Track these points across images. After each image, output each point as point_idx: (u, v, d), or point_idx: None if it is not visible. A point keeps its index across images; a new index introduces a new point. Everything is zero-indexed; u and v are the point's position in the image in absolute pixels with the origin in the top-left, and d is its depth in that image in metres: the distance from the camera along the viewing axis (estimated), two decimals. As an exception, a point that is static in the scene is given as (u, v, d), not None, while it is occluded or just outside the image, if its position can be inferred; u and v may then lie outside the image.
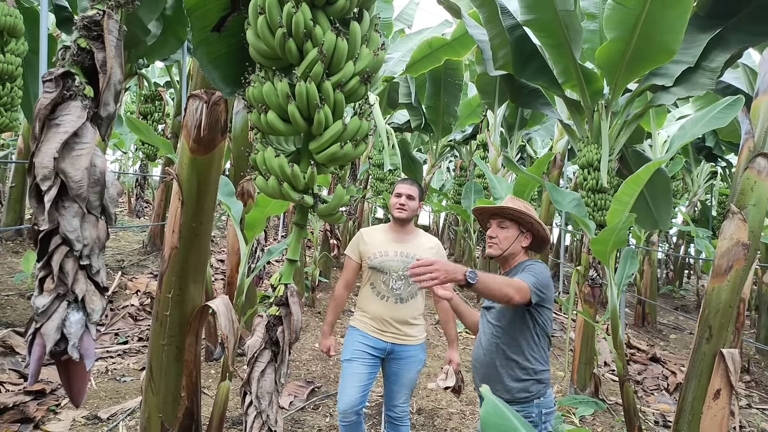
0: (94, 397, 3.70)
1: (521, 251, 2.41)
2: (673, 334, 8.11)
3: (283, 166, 1.63)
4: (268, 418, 1.72)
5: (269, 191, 1.69)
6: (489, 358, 2.31)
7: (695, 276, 13.07)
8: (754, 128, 2.88)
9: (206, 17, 1.71)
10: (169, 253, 2.28)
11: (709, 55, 4.09)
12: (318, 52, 1.56)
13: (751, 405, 5.10)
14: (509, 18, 4.63)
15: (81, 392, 1.29)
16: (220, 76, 1.83)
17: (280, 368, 1.77)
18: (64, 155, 1.18)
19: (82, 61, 1.25)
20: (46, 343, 1.16)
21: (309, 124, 1.66)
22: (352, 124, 1.69)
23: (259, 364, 1.74)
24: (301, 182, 1.66)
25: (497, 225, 2.41)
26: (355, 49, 1.65)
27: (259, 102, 1.67)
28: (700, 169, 10.19)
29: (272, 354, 1.76)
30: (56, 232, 1.19)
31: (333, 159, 1.69)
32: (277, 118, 1.65)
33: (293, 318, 1.77)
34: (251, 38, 1.65)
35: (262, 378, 1.73)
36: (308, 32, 1.56)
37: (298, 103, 1.60)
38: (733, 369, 2.72)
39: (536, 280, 2.18)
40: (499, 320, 2.32)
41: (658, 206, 4.84)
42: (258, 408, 1.71)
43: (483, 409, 0.81)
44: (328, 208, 1.72)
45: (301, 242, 1.83)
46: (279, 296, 1.78)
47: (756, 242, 2.82)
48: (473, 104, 10.15)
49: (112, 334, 4.97)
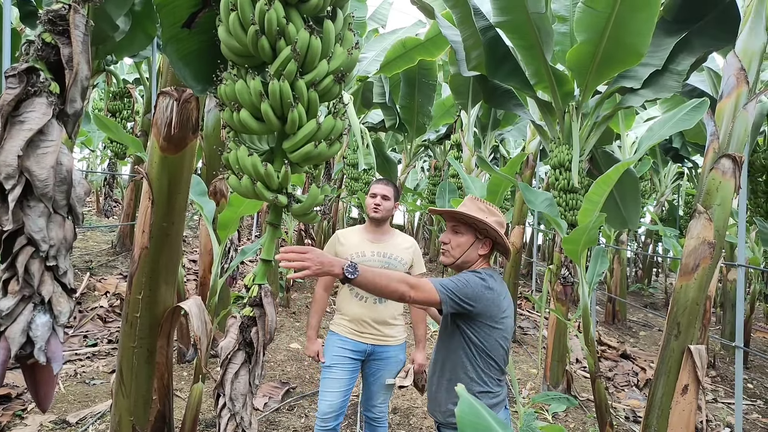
0: (63, 401, 3.61)
1: (479, 259, 2.15)
2: (643, 331, 8.29)
3: (256, 165, 1.62)
4: (242, 420, 1.70)
5: (242, 191, 1.67)
6: (431, 370, 2.15)
7: (663, 274, 13.39)
8: (719, 130, 2.96)
9: (176, 13, 1.67)
10: (139, 254, 2.24)
11: (676, 59, 4.20)
12: (291, 50, 1.54)
13: (717, 399, 5.24)
14: (482, 19, 4.67)
15: (48, 397, 1.25)
16: (190, 74, 1.80)
17: (255, 369, 1.75)
18: (28, 153, 1.15)
19: (47, 57, 1.21)
20: (11, 347, 1.13)
21: (282, 122, 1.64)
22: (326, 123, 1.68)
23: (232, 365, 1.72)
24: (274, 181, 1.64)
25: (451, 229, 2.17)
26: (329, 48, 1.64)
27: (231, 100, 1.64)
28: (667, 170, 10.44)
29: (246, 355, 1.74)
30: (21, 233, 1.16)
31: (307, 158, 1.68)
32: (250, 116, 1.63)
33: (267, 319, 1.75)
34: (223, 35, 1.63)
35: (236, 379, 1.71)
36: (281, 30, 1.54)
37: (272, 102, 1.58)
38: (700, 365, 2.78)
39: (457, 287, 1.93)
40: (442, 329, 2.12)
41: (627, 206, 4.94)
42: (232, 410, 1.69)
43: (458, 408, 0.81)
44: (303, 208, 1.71)
45: (276, 242, 1.82)
46: (253, 297, 1.76)
47: (721, 241, 2.90)
48: (447, 104, 10.20)
49: (80, 336, 4.85)
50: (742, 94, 2.92)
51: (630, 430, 4.27)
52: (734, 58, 2.97)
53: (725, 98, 2.98)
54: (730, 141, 2.92)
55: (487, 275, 2.04)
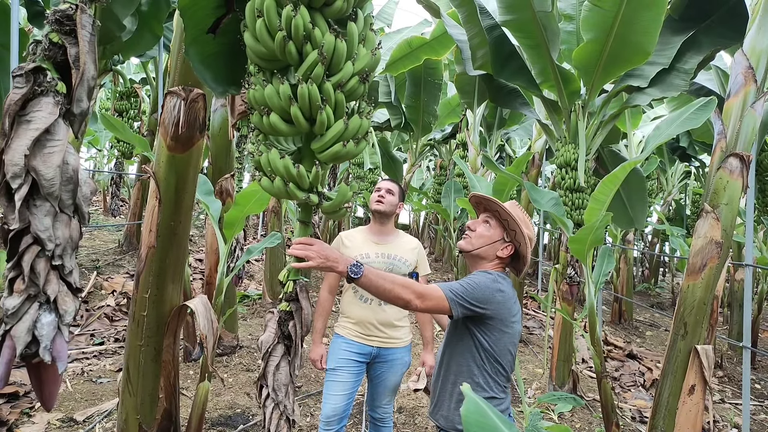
0: (70, 399, 3.64)
1: (495, 260, 2.07)
2: (649, 330, 8.25)
3: (288, 167, 1.67)
4: (285, 408, 1.78)
5: (275, 192, 1.73)
6: (435, 373, 2.10)
7: (670, 274, 13.32)
8: (726, 129, 2.94)
9: (199, 16, 1.72)
10: (146, 253, 2.25)
11: (683, 57, 4.17)
12: (318, 53, 1.59)
13: (724, 400, 5.21)
14: (488, 18, 4.66)
15: (52, 396, 1.26)
16: (211, 76, 1.86)
17: (294, 361, 1.83)
18: (35, 152, 1.16)
19: (54, 57, 1.22)
20: (16, 346, 1.13)
21: (311, 124, 1.69)
22: (353, 122, 1.72)
23: (273, 358, 1.80)
24: (306, 182, 1.70)
25: (482, 219, 2.11)
26: (353, 49, 1.69)
27: (260, 104, 1.70)
28: (674, 169, 10.39)
29: (285, 348, 1.83)
30: (27, 232, 1.16)
31: (336, 157, 1.73)
32: (280, 119, 1.68)
33: (304, 312, 1.84)
34: (249, 41, 1.67)
35: (277, 371, 1.79)
36: (308, 34, 1.60)
37: (301, 105, 1.63)
38: (707, 365, 2.77)
39: (465, 290, 1.87)
40: (450, 332, 2.06)
41: (634, 205, 4.92)
42: (275, 399, 1.77)
43: (464, 407, 0.81)
44: (333, 205, 1.78)
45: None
46: (288, 292, 1.84)
47: (728, 240, 2.88)
48: (453, 103, 10.20)
49: (87, 335, 4.88)
50: (750, 93, 2.91)
51: (636, 430, 4.25)
52: (742, 57, 2.95)
53: (733, 97, 2.96)
54: (737, 140, 2.91)
55: (498, 276, 1.99)
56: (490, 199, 2.10)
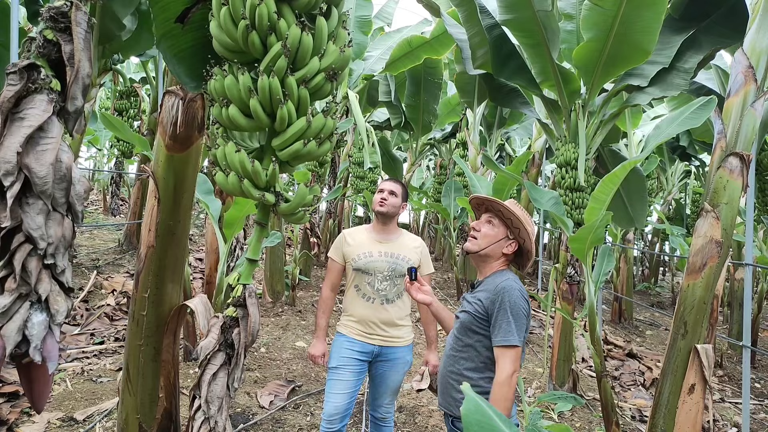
0: (70, 399, 3.64)
1: (501, 258, 2.16)
2: (649, 330, 8.25)
3: (243, 161, 1.59)
4: (216, 425, 1.63)
5: (229, 188, 1.64)
6: (446, 371, 2.14)
7: (670, 273, 13.32)
8: (726, 128, 2.94)
9: (170, 8, 1.66)
10: (145, 252, 2.24)
11: (683, 57, 4.17)
12: (282, 46, 1.52)
13: (724, 399, 5.21)
14: (488, 17, 4.66)
15: (43, 396, 1.23)
16: (185, 71, 1.77)
17: (234, 372, 1.69)
18: (28, 150, 1.14)
19: (48, 54, 1.20)
20: (6, 345, 1.11)
21: (272, 120, 1.61)
22: (316, 121, 1.64)
23: (211, 366, 1.66)
24: (262, 179, 1.61)
25: (486, 220, 2.19)
26: (321, 45, 1.62)
27: (220, 96, 1.62)
28: (674, 168, 10.39)
29: (226, 357, 1.69)
30: (19, 230, 1.15)
31: (296, 156, 1.65)
32: (239, 112, 1.61)
33: (251, 320, 1.69)
34: (214, 30, 1.61)
35: (213, 381, 1.65)
36: (272, 25, 1.52)
37: (261, 98, 1.56)
38: (707, 364, 2.77)
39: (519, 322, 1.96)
40: (460, 332, 2.12)
41: (634, 204, 4.92)
42: (206, 413, 1.63)
43: (464, 407, 0.81)
44: (290, 207, 1.67)
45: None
46: (237, 297, 1.72)
47: (728, 240, 2.88)
48: (453, 103, 10.20)
49: (87, 334, 4.88)
50: (750, 92, 2.90)
51: (636, 429, 4.25)
52: (742, 56, 2.95)
53: (733, 96, 2.95)
54: (737, 139, 2.90)
55: (515, 281, 2.06)
56: (491, 199, 2.18)
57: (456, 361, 2.10)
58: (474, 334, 2.06)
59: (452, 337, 2.19)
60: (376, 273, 2.77)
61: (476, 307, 2.06)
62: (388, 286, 2.77)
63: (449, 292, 9.13)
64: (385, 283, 2.77)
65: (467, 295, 2.20)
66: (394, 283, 2.78)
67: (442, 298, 8.72)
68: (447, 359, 2.16)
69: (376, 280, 2.77)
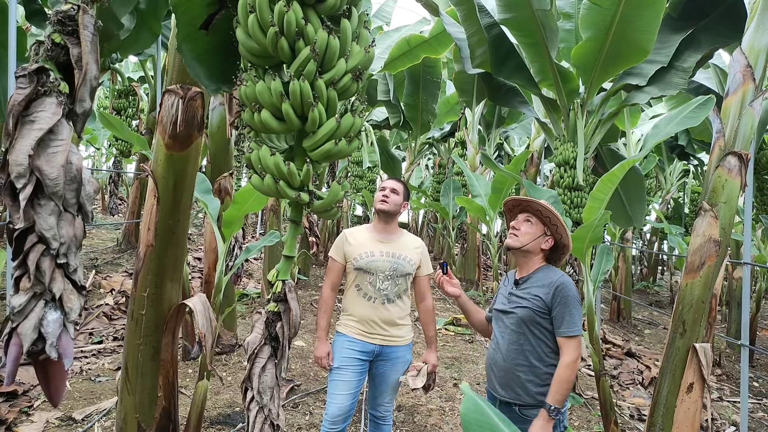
0: (69, 398, 3.64)
1: (540, 253, 2.36)
2: (648, 329, 8.27)
3: (278, 164, 1.65)
4: (270, 412, 1.74)
5: (265, 189, 1.70)
6: (510, 364, 2.28)
7: (669, 272, 13.35)
8: (725, 127, 2.95)
9: (192, 12, 1.70)
10: (144, 251, 2.24)
11: (682, 56, 4.18)
12: (311, 50, 1.57)
13: (723, 398, 5.23)
14: (486, 16, 4.66)
15: (59, 392, 1.27)
16: (205, 73, 1.83)
17: (281, 363, 1.79)
18: (39, 152, 1.16)
19: (56, 57, 1.22)
20: (23, 343, 1.14)
21: (303, 121, 1.67)
22: (345, 120, 1.70)
23: (259, 359, 1.76)
24: (296, 180, 1.67)
25: (524, 219, 2.38)
26: (347, 47, 1.67)
27: (252, 101, 1.67)
28: (672, 167, 10.41)
29: (272, 349, 1.79)
30: (32, 231, 1.17)
31: (328, 156, 1.71)
32: (271, 116, 1.66)
33: (292, 313, 1.79)
34: (241, 37, 1.65)
35: (263, 373, 1.75)
36: (300, 30, 1.57)
37: (292, 102, 1.61)
38: (705, 363, 2.78)
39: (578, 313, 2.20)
40: (520, 327, 2.27)
41: (633, 204, 4.93)
42: (260, 403, 1.74)
43: (463, 406, 0.82)
44: (324, 204, 1.74)
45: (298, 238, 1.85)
46: (277, 292, 1.80)
47: (727, 239, 2.89)
48: (451, 102, 10.20)
49: (86, 333, 4.88)
50: (748, 92, 2.91)
51: (635, 428, 4.26)
52: (741, 55, 2.96)
53: (731, 95, 2.97)
54: (736, 138, 2.91)
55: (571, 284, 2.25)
56: (529, 200, 2.39)
57: (520, 353, 2.26)
58: (537, 327, 2.24)
59: (508, 332, 2.31)
60: (378, 272, 2.77)
61: (535, 302, 2.23)
62: (389, 285, 2.77)
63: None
64: (387, 282, 2.77)
65: (515, 291, 2.34)
66: (395, 282, 2.78)
67: (441, 297, 8.73)
68: (509, 353, 2.29)
69: (378, 279, 2.77)
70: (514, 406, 2.26)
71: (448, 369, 5.19)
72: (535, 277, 2.31)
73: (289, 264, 1.84)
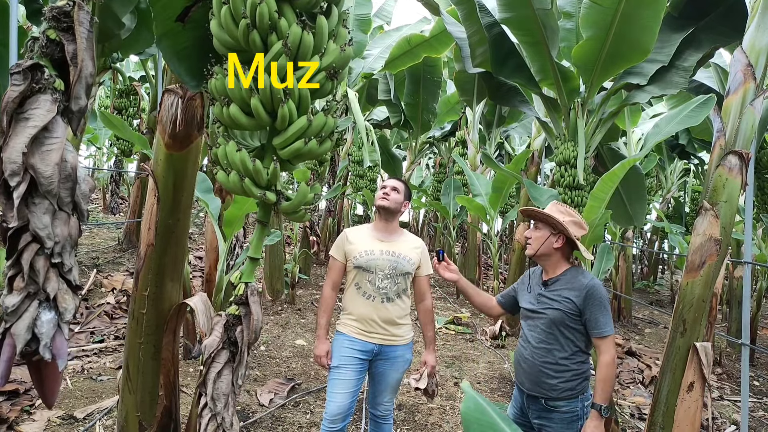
0: (70, 397, 3.64)
1: (556, 253, 2.46)
2: (648, 328, 8.26)
3: (244, 160, 1.59)
4: (224, 421, 1.67)
5: (230, 186, 1.65)
6: (538, 362, 2.39)
7: (669, 271, 13.33)
8: (726, 126, 2.94)
9: (170, 7, 1.66)
10: (145, 251, 2.25)
11: (682, 55, 4.17)
12: (282, 44, 1.52)
13: (723, 397, 5.22)
14: (487, 16, 4.66)
15: (53, 393, 1.26)
16: (185, 69, 1.79)
17: (238, 369, 1.72)
18: (33, 150, 1.15)
19: (51, 54, 1.21)
20: (16, 344, 1.13)
21: (273, 118, 1.62)
22: (317, 120, 1.64)
23: (216, 364, 1.70)
24: (263, 178, 1.62)
25: (532, 227, 2.56)
26: (322, 44, 1.62)
27: (221, 95, 1.62)
28: (673, 167, 10.40)
29: (230, 354, 1.72)
30: (26, 230, 1.16)
31: (297, 155, 1.66)
32: (240, 111, 1.61)
33: (253, 318, 1.72)
34: (215, 29, 1.61)
35: (218, 379, 1.69)
36: (273, 24, 1.53)
37: (262, 97, 1.56)
38: (706, 362, 2.77)
39: (609, 314, 2.34)
40: (550, 327, 2.38)
41: (633, 203, 4.92)
42: (213, 410, 1.66)
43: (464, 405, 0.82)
44: (291, 206, 1.69)
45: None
46: (239, 295, 1.74)
47: (727, 238, 2.88)
48: (452, 101, 10.20)
49: (87, 332, 4.88)
50: (749, 91, 2.90)
51: (635, 427, 4.26)
52: (741, 54, 2.95)
53: (732, 94, 2.96)
54: (736, 137, 2.91)
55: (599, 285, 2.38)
56: (532, 210, 2.56)
57: (549, 352, 2.37)
58: (566, 328, 2.35)
59: (538, 331, 2.42)
60: (378, 271, 2.77)
61: (567, 305, 2.33)
62: (389, 284, 2.77)
63: (449, 290, 9.14)
64: (387, 281, 2.77)
65: (544, 292, 2.44)
66: (394, 281, 2.78)
67: (441, 296, 8.73)
68: (538, 351, 2.39)
69: (377, 278, 2.77)
70: (541, 399, 2.38)
71: (448, 368, 5.19)
72: (563, 279, 2.42)
73: (253, 266, 1.78)
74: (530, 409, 2.43)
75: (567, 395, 2.32)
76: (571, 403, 2.33)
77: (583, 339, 2.36)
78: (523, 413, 2.49)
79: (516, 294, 2.65)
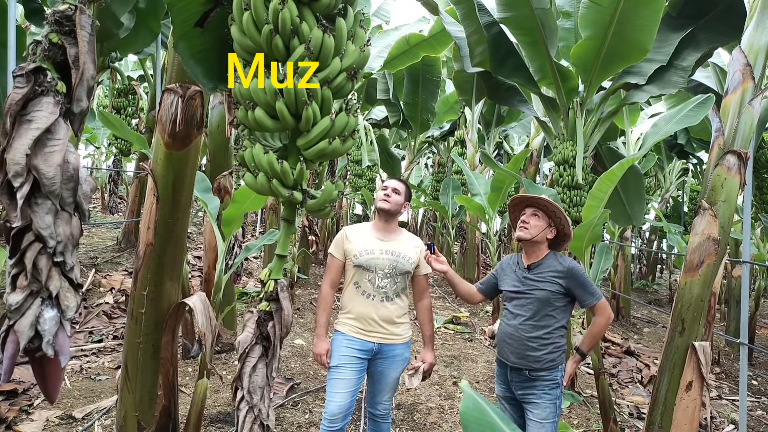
0: (69, 397, 3.64)
1: (545, 243, 2.71)
2: (647, 327, 8.28)
3: (272, 162, 1.64)
4: (260, 413, 1.74)
5: (258, 188, 1.70)
6: (524, 337, 2.62)
7: (668, 270, 13.35)
8: (724, 126, 2.95)
9: (187, 10, 1.70)
10: (144, 250, 2.25)
11: (681, 54, 4.18)
12: (305, 48, 1.56)
13: (721, 396, 5.23)
14: (486, 15, 4.66)
15: (56, 389, 1.28)
16: (202, 72, 1.82)
17: (272, 363, 1.79)
18: (36, 152, 1.17)
19: (53, 57, 1.23)
20: (20, 340, 1.15)
21: (297, 120, 1.66)
22: (339, 119, 1.69)
23: (250, 359, 1.76)
24: (290, 178, 1.67)
25: (531, 213, 2.72)
26: (342, 45, 1.66)
27: (246, 99, 1.66)
28: (672, 166, 10.41)
29: (263, 349, 1.79)
30: (29, 229, 1.18)
31: (322, 155, 1.70)
32: (265, 114, 1.65)
33: (284, 313, 1.79)
34: (236, 34, 1.65)
35: (253, 373, 1.75)
36: (295, 28, 1.56)
37: (286, 100, 1.60)
38: (704, 361, 2.78)
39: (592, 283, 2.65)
40: (536, 305, 2.62)
41: (632, 202, 4.93)
42: (250, 403, 1.73)
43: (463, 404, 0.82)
44: (317, 204, 1.74)
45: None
46: (269, 292, 1.79)
47: (726, 237, 2.89)
48: (451, 101, 10.20)
49: (86, 332, 4.88)
50: (747, 90, 2.91)
51: (634, 426, 4.27)
52: (740, 54, 2.96)
53: (730, 94, 2.97)
54: (735, 137, 2.91)
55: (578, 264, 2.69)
56: (537, 197, 2.73)
57: (534, 328, 2.61)
58: (551, 306, 2.61)
59: (524, 310, 2.65)
60: (377, 270, 2.77)
61: (555, 286, 2.59)
62: (388, 283, 2.78)
63: (447, 289, 9.15)
64: (386, 280, 2.77)
65: (529, 275, 2.67)
66: (394, 280, 2.79)
67: (440, 296, 8.74)
68: (524, 327, 2.63)
69: (377, 277, 2.77)
70: (525, 370, 2.62)
71: (447, 367, 5.20)
72: (546, 263, 2.67)
73: (281, 263, 1.84)
74: (513, 381, 2.66)
75: (549, 366, 2.58)
76: (552, 372, 2.58)
77: (564, 316, 2.63)
78: (509, 388, 2.72)
79: (497, 280, 2.85)
